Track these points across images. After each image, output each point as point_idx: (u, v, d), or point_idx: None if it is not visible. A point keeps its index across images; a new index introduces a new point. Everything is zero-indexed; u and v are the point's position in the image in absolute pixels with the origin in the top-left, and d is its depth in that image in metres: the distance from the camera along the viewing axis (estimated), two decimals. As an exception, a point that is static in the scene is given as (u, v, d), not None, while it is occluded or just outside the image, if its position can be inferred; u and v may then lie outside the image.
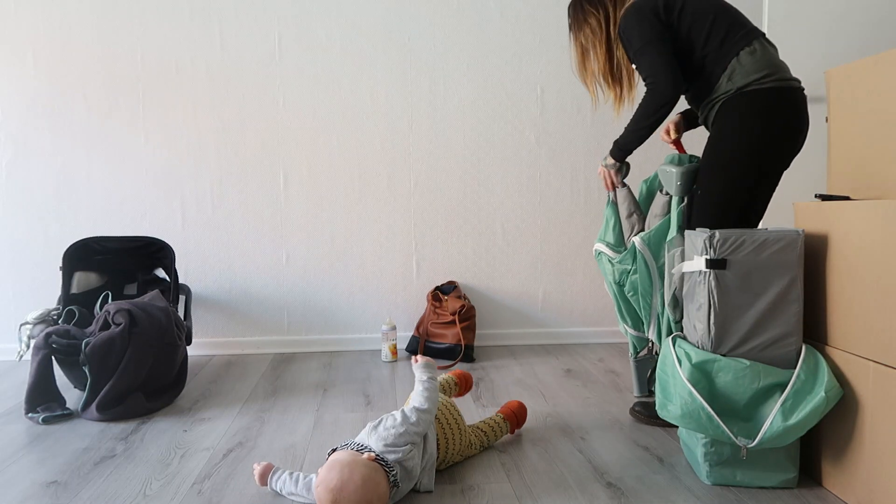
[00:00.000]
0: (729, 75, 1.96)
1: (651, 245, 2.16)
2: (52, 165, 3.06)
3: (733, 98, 1.96)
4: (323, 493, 1.45)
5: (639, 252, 2.18)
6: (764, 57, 1.95)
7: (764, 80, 1.93)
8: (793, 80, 1.97)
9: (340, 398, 2.41)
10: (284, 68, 3.11)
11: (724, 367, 1.59)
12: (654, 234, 2.16)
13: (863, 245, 1.50)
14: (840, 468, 1.57)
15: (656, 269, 2.17)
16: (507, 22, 3.16)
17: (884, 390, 1.43)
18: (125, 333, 2.19)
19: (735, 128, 1.98)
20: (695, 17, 1.99)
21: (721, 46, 1.98)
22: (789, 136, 1.96)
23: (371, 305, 3.20)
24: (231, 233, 3.14)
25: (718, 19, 1.99)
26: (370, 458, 1.50)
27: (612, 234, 2.30)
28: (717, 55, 1.98)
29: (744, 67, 1.95)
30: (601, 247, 2.33)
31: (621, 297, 2.29)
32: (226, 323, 3.16)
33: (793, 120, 1.96)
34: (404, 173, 3.18)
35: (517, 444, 1.94)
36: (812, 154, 2.65)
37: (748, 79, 1.94)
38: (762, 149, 1.95)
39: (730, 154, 1.99)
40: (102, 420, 2.17)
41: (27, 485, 1.71)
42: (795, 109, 1.96)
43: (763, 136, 1.95)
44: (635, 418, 2.14)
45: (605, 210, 2.33)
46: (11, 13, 3.01)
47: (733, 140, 1.98)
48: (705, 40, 1.99)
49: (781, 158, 1.99)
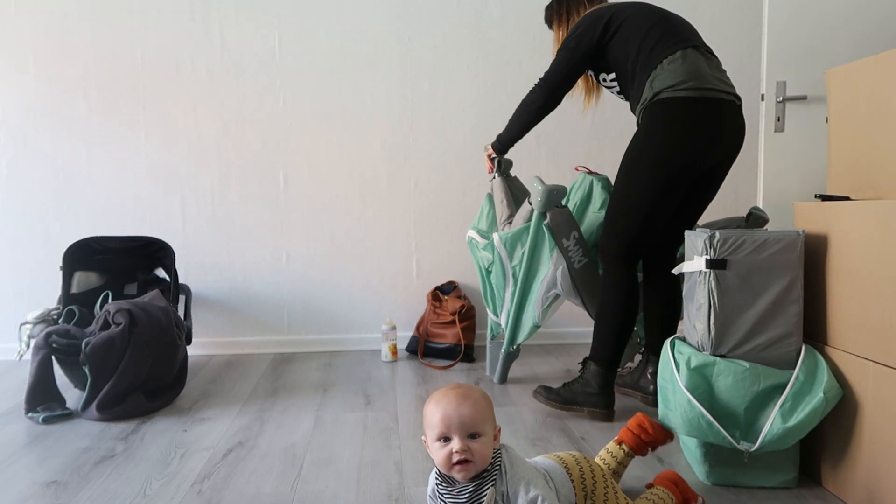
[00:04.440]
0: (650, 82, 2.01)
1: (507, 245, 2.38)
2: (52, 165, 3.06)
3: (650, 105, 2.01)
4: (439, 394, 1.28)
5: (496, 249, 2.40)
6: (684, 66, 1.97)
7: (677, 87, 1.96)
8: (714, 89, 1.96)
9: (340, 398, 2.41)
10: (284, 68, 3.11)
11: (724, 371, 1.59)
12: (511, 237, 2.37)
13: (863, 245, 1.50)
14: (840, 468, 1.57)
15: (510, 268, 2.41)
16: (507, 22, 3.16)
17: (884, 390, 1.43)
18: (125, 333, 2.19)
19: (642, 134, 2.05)
20: (632, 29, 2.07)
21: (650, 55, 2.03)
22: (697, 145, 1.97)
23: (371, 305, 3.20)
24: (231, 233, 3.14)
25: (653, 30, 2.05)
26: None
27: (484, 222, 2.56)
28: (645, 63, 2.03)
29: (662, 75, 1.99)
30: (473, 234, 2.57)
31: (487, 283, 2.54)
32: (226, 323, 3.16)
33: (702, 129, 1.97)
34: (404, 173, 3.18)
35: (517, 445, 1.93)
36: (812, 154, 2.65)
37: (663, 86, 1.98)
38: (664, 155, 1.99)
39: (632, 159, 2.06)
40: (102, 420, 2.17)
41: (27, 485, 1.71)
42: (709, 118, 1.97)
43: (665, 143, 1.99)
44: (537, 399, 2.22)
45: (483, 200, 2.59)
46: (11, 13, 3.01)
47: (638, 145, 2.05)
48: (638, 49, 2.05)
49: (687, 167, 2.00)
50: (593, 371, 2.13)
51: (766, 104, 2.66)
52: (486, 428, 1.24)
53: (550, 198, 2.25)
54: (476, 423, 1.23)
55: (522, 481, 1.24)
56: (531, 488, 1.23)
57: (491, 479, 1.24)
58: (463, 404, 1.23)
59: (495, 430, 1.27)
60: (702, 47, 2.05)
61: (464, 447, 1.21)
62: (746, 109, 3.24)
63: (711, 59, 2.05)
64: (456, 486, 1.25)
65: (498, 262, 2.44)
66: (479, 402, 1.25)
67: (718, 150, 2.03)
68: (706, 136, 1.98)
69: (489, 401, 1.28)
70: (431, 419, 1.25)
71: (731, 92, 2.02)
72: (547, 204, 2.25)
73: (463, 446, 1.21)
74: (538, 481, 1.26)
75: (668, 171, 2.00)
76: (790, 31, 2.59)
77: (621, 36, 2.08)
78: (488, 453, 1.24)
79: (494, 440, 1.26)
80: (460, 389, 1.27)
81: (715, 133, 1.99)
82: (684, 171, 2.00)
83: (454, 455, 1.21)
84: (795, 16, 2.59)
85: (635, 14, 2.09)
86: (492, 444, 1.25)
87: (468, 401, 1.24)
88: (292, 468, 1.79)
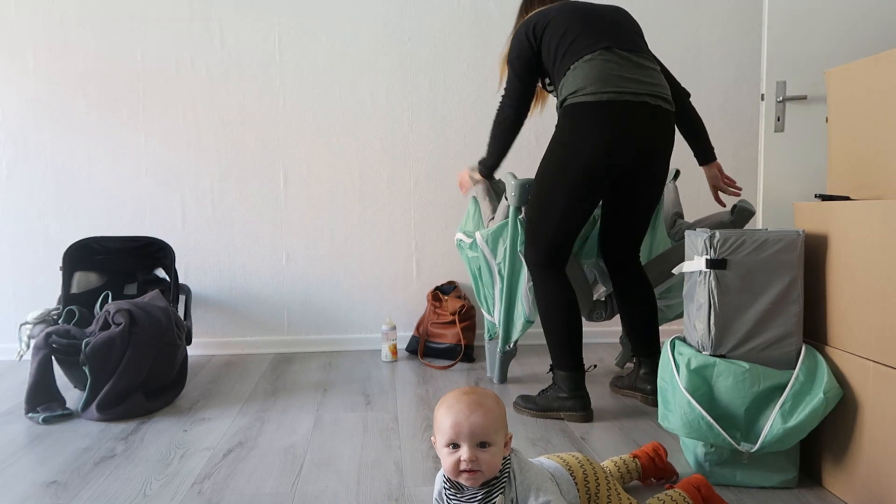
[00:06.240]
0: (560, 89, 2.03)
1: (489, 242, 2.40)
2: (52, 165, 3.06)
3: (559, 112, 2.04)
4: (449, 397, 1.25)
5: (479, 247, 2.43)
6: (586, 70, 1.96)
7: (577, 93, 1.96)
8: (618, 91, 1.93)
9: (340, 398, 2.41)
10: (284, 68, 3.11)
11: (724, 372, 1.59)
12: (493, 233, 2.39)
13: (863, 245, 1.50)
14: (840, 468, 1.57)
15: (495, 266, 2.43)
16: (507, 22, 3.15)
17: (884, 390, 1.43)
18: (125, 333, 2.19)
19: (551, 141, 2.06)
20: (553, 32, 2.06)
21: (563, 60, 2.03)
22: (596, 149, 1.96)
23: (371, 305, 3.20)
24: (231, 233, 3.14)
25: (568, 33, 2.03)
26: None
27: (471, 224, 2.56)
28: (559, 68, 2.04)
29: (568, 81, 2.00)
30: (460, 235, 2.58)
31: (479, 282, 2.55)
32: (226, 323, 3.16)
33: (599, 132, 1.95)
34: (404, 173, 3.18)
35: (517, 445, 1.93)
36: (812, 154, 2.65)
37: (567, 92, 1.99)
38: (564, 161, 2.01)
39: (542, 167, 2.09)
40: (102, 420, 2.17)
41: (27, 485, 1.71)
42: (607, 122, 1.94)
43: (566, 148, 2.00)
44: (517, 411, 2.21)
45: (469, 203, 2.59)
46: (11, 13, 3.01)
47: (546, 153, 2.07)
48: (555, 55, 2.05)
49: (589, 171, 1.99)
50: (560, 377, 2.15)
51: (766, 104, 2.66)
52: (497, 437, 1.20)
53: (524, 191, 2.25)
54: (487, 433, 1.18)
55: (532, 487, 1.22)
56: (541, 494, 1.21)
57: (500, 487, 1.22)
58: (475, 412, 1.19)
59: (506, 438, 1.23)
60: (619, 47, 1.99)
61: (472, 457, 1.17)
62: (746, 109, 3.28)
63: (629, 59, 1.99)
64: (464, 492, 1.23)
65: (483, 260, 2.46)
66: (491, 411, 1.20)
67: (624, 153, 1.98)
68: (604, 139, 1.95)
69: (502, 408, 1.25)
70: (442, 424, 1.20)
71: (648, 93, 1.97)
72: (521, 198, 2.26)
73: (472, 455, 1.17)
74: (548, 486, 1.24)
75: (570, 176, 2.01)
76: (790, 31, 2.59)
77: (546, 40, 2.07)
78: (497, 462, 1.21)
79: (505, 447, 1.22)
80: (474, 396, 1.23)
81: (614, 136, 1.95)
82: (587, 175, 1.99)
83: (462, 463, 1.19)
84: (795, 16, 2.59)
85: (557, 15, 2.07)
86: (501, 452, 1.21)
87: (481, 409, 1.20)
88: (292, 468, 1.79)
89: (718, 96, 3.23)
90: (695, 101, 2.54)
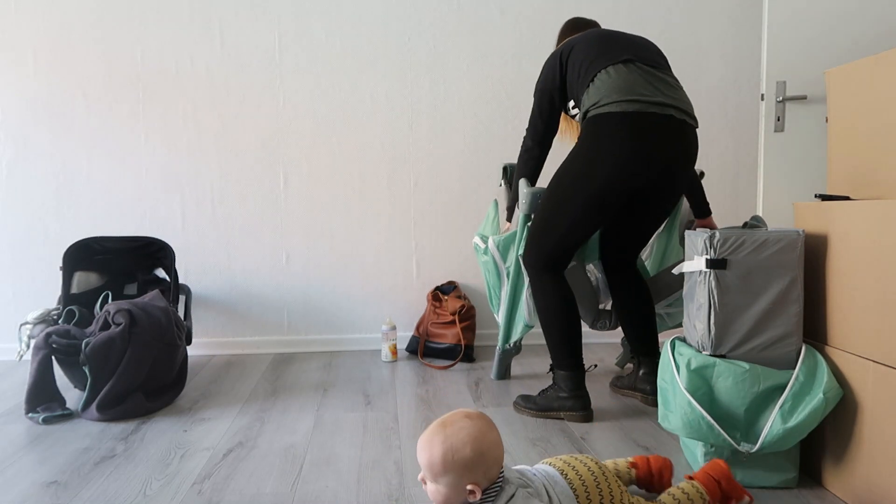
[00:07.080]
0: (583, 101, 2.03)
1: (500, 248, 2.46)
2: (52, 165, 3.06)
3: (583, 123, 2.03)
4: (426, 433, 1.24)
5: (490, 252, 2.48)
6: (610, 81, 1.96)
7: (600, 104, 1.96)
8: (643, 101, 1.91)
9: (340, 398, 2.41)
10: (284, 68, 3.11)
11: (724, 372, 1.59)
12: (504, 240, 2.45)
13: (863, 245, 1.50)
14: (840, 468, 1.57)
15: (504, 269, 2.49)
16: (507, 22, 3.16)
17: (884, 390, 1.43)
18: (125, 333, 2.19)
19: (571, 151, 2.06)
20: (577, 54, 2.08)
21: (585, 74, 2.04)
22: (624, 165, 1.93)
23: (371, 305, 3.20)
24: (231, 233, 3.14)
25: (591, 50, 2.05)
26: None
27: (489, 228, 2.62)
28: (582, 83, 2.05)
29: (591, 92, 2.00)
30: (477, 240, 2.62)
31: (490, 288, 2.59)
32: (226, 323, 3.16)
33: (623, 143, 1.92)
34: (404, 173, 3.18)
35: (517, 445, 1.93)
36: (812, 154, 2.65)
37: (590, 103, 1.99)
38: (584, 171, 1.99)
39: (558, 176, 2.08)
40: (102, 420, 2.17)
41: (27, 485, 1.71)
42: (631, 133, 1.91)
43: (587, 159, 1.99)
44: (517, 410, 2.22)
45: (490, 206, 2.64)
46: (11, 13, 3.01)
47: (565, 163, 2.06)
48: (578, 72, 2.06)
49: (610, 183, 1.96)
50: (560, 376, 2.15)
51: (766, 104, 2.66)
52: (447, 480, 1.19)
53: (534, 200, 2.27)
54: (436, 475, 1.20)
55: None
56: None
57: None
58: (436, 449, 1.19)
59: (468, 482, 1.18)
60: (641, 61, 2.00)
61: (433, 491, 1.22)
62: (746, 109, 3.28)
63: (653, 73, 1.98)
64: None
65: (493, 265, 2.50)
66: (453, 452, 1.17)
67: (647, 167, 1.94)
68: (626, 152, 1.92)
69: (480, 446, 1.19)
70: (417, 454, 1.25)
71: (674, 105, 1.94)
72: (531, 206, 2.28)
73: (433, 490, 1.22)
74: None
75: (583, 195, 1.99)
76: (790, 31, 2.59)
77: (571, 61, 2.10)
78: (457, 501, 1.21)
79: (470, 494, 1.19)
80: (446, 431, 1.20)
81: (638, 149, 1.92)
82: (601, 198, 1.98)
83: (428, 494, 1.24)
84: (795, 16, 2.59)
85: (583, 38, 2.10)
86: (460, 495, 1.19)
87: (443, 446, 1.18)
88: (292, 468, 1.79)
89: (718, 96, 3.22)
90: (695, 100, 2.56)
